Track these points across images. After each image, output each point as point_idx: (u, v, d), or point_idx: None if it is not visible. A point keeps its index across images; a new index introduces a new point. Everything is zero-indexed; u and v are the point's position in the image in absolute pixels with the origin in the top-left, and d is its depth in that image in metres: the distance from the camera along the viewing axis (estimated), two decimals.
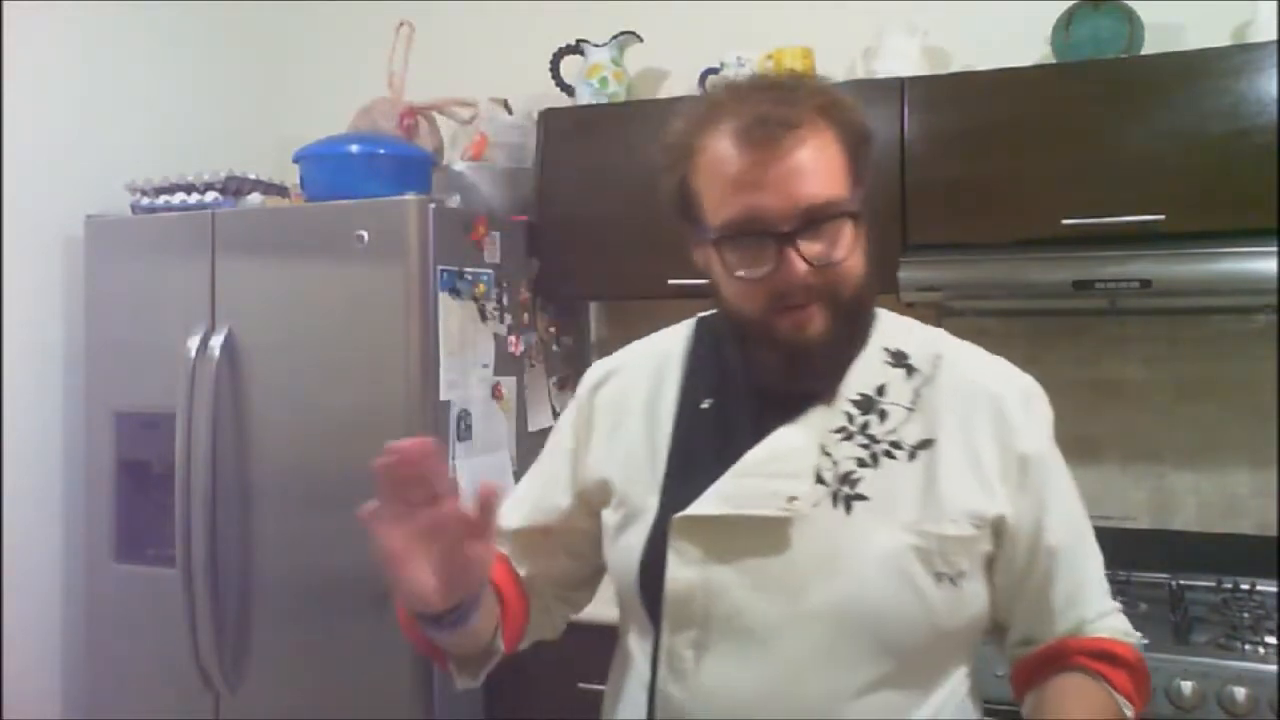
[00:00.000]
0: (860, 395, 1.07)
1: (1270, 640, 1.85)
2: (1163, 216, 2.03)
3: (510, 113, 2.76)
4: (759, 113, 0.99)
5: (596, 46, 2.67)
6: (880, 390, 1.08)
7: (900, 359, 1.10)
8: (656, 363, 1.19)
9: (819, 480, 1.03)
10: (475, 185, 2.52)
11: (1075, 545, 1.09)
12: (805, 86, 1.05)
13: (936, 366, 1.09)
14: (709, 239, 1.04)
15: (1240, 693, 1.73)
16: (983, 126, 2.18)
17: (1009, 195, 2.16)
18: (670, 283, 2.32)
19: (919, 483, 1.03)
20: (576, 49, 2.69)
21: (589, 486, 1.17)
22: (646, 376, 1.18)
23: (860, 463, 1.04)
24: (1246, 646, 1.84)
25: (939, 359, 1.10)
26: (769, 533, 1.02)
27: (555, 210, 2.53)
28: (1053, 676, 1.08)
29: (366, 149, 2.36)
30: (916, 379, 1.09)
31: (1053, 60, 2.32)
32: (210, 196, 2.39)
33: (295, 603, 2.21)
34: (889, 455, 1.04)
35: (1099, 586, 1.12)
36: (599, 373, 1.22)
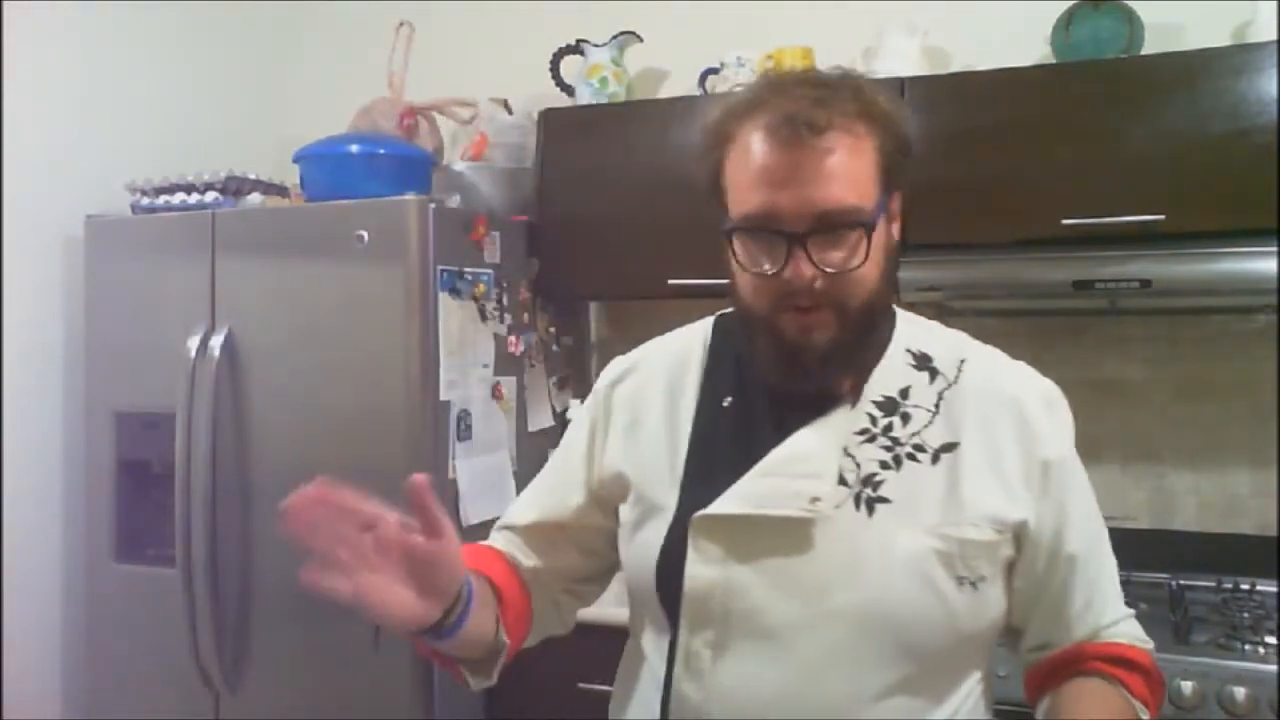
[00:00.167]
0: (884, 397, 1.07)
1: (1270, 640, 1.85)
2: (1163, 216, 2.03)
3: (510, 113, 2.76)
4: (790, 110, 0.99)
5: (596, 46, 2.66)
6: (904, 393, 1.07)
7: (924, 361, 1.10)
8: (676, 360, 1.18)
9: (841, 482, 1.03)
10: (475, 185, 2.51)
11: (1093, 552, 1.10)
12: (849, 88, 1.03)
13: (960, 370, 1.09)
14: (726, 229, 1.05)
15: (1240, 693, 1.73)
16: (983, 126, 2.18)
17: (1009, 195, 2.16)
18: (670, 283, 2.32)
19: (941, 486, 1.03)
20: (576, 49, 2.69)
21: (605, 480, 1.16)
22: (666, 373, 1.17)
23: (883, 465, 1.04)
24: (1246, 646, 1.84)
25: (963, 363, 1.10)
26: (790, 533, 1.01)
27: (555, 210, 2.53)
28: (1068, 680, 1.08)
29: (366, 149, 2.36)
30: (940, 382, 1.08)
31: (1053, 60, 2.32)
32: (210, 196, 2.39)
33: (295, 603, 2.20)
34: (912, 458, 1.04)
35: (1114, 592, 1.12)
36: (618, 369, 1.22)
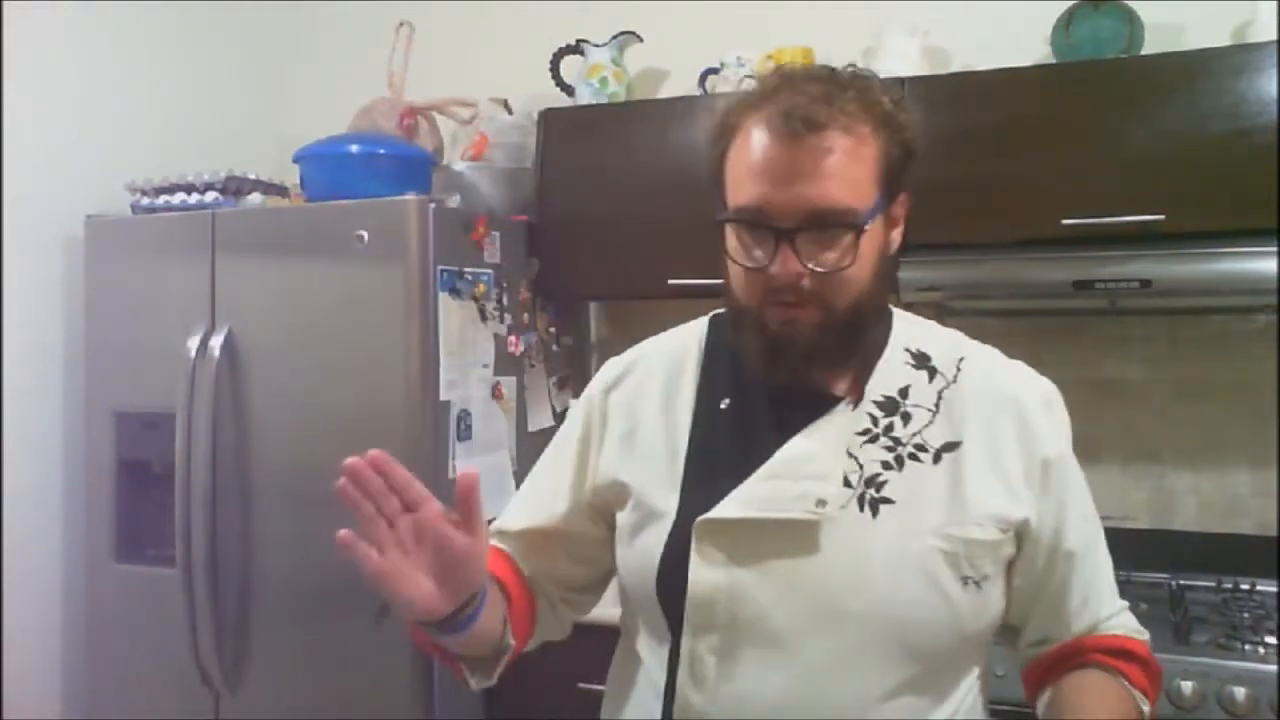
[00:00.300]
0: (884, 397, 1.07)
1: (1270, 640, 1.85)
2: (1163, 216, 2.03)
3: (510, 113, 2.76)
4: (791, 106, 0.98)
5: (596, 46, 2.66)
6: (904, 392, 1.07)
7: (923, 361, 1.10)
8: (671, 361, 1.17)
9: (845, 483, 1.02)
10: (475, 185, 2.51)
11: (1091, 548, 1.10)
12: (858, 86, 1.02)
13: (959, 369, 1.09)
14: (718, 219, 1.05)
15: (1240, 693, 1.73)
16: (983, 126, 2.18)
17: (1009, 195, 2.16)
18: (670, 283, 2.32)
19: (944, 486, 1.03)
20: (576, 49, 2.69)
21: (600, 488, 1.15)
22: (661, 375, 1.16)
23: (885, 465, 1.03)
24: (1246, 646, 1.84)
25: (961, 361, 1.10)
26: (795, 536, 1.01)
27: (555, 210, 2.53)
28: (1068, 674, 1.09)
29: (366, 149, 2.36)
30: (939, 381, 1.08)
31: (1053, 60, 2.32)
32: (210, 196, 2.39)
33: (295, 603, 2.21)
34: (914, 458, 1.04)
35: (1110, 587, 1.13)
36: (612, 372, 1.20)
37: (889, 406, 1.06)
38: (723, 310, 1.15)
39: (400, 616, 0.99)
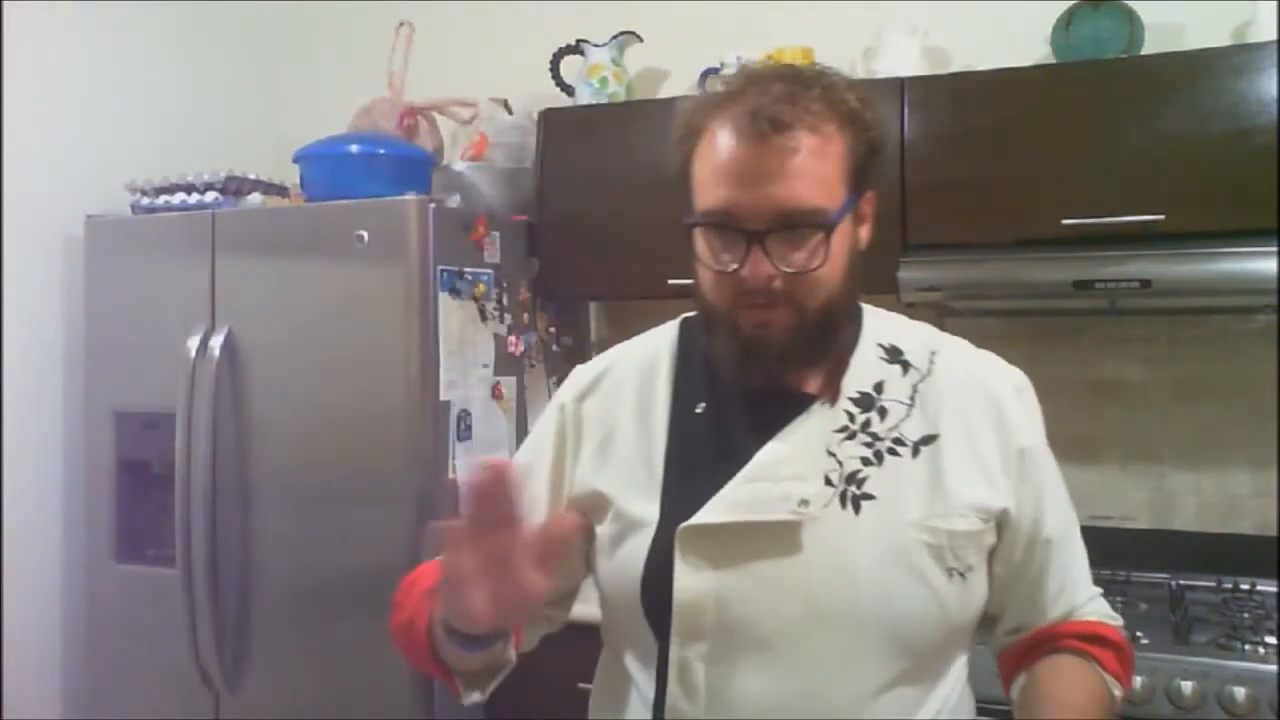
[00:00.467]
0: (859, 393, 1.06)
1: (1270, 640, 1.85)
2: (1163, 216, 2.03)
3: (510, 113, 2.76)
4: (756, 107, 0.98)
5: (596, 46, 2.66)
6: (878, 387, 1.07)
7: (895, 355, 1.10)
8: (643, 366, 1.15)
9: (826, 482, 1.02)
10: (475, 185, 2.52)
11: (1065, 536, 1.11)
12: (822, 84, 1.01)
13: (932, 362, 1.09)
14: (687, 223, 1.04)
15: (1240, 693, 1.73)
16: (983, 126, 2.18)
17: (1009, 195, 2.16)
18: (670, 283, 2.32)
19: (924, 479, 1.03)
20: (576, 49, 2.69)
21: (578, 498, 1.13)
22: (634, 382, 1.15)
23: (865, 461, 1.03)
24: (1246, 646, 1.84)
25: (934, 354, 1.10)
26: (779, 538, 1.00)
27: (555, 210, 2.53)
28: (1041, 659, 1.09)
29: (366, 149, 2.36)
30: (913, 375, 1.08)
31: (1053, 60, 2.32)
32: (210, 196, 2.39)
33: (295, 603, 2.21)
34: (892, 452, 1.04)
35: (1085, 574, 1.14)
36: (584, 379, 1.19)
37: (865, 402, 1.06)
38: (693, 314, 1.14)
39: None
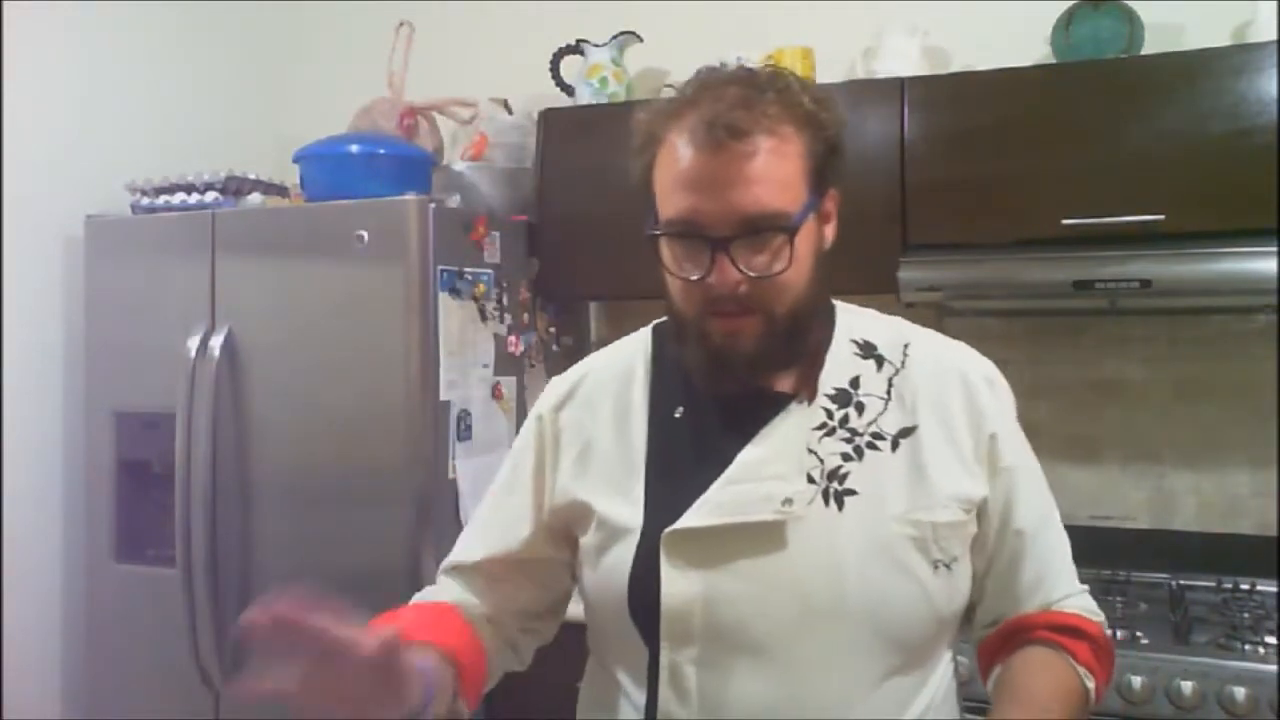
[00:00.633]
0: (835, 390, 1.07)
1: (1270, 640, 1.85)
2: (1163, 216, 2.03)
3: (510, 113, 2.76)
4: (712, 114, 0.98)
5: (596, 46, 2.66)
6: (854, 383, 1.07)
7: (869, 350, 1.10)
8: (619, 373, 1.16)
9: (808, 480, 1.02)
10: (475, 185, 2.52)
11: (1042, 527, 1.10)
12: (777, 87, 1.01)
13: (906, 355, 1.10)
14: (650, 233, 1.05)
15: (1240, 693, 1.73)
16: (983, 126, 2.18)
17: (1009, 195, 2.16)
18: None
19: (905, 472, 1.03)
20: (576, 49, 2.69)
21: (558, 508, 1.12)
22: (611, 389, 1.15)
23: (845, 457, 1.03)
24: (1246, 646, 1.84)
25: (907, 347, 1.11)
26: (764, 539, 1.00)
27: (555, 210, 2.53)
28: (1015, 651, 1.09)
29: (366, 149, 2.36)
30: (888, 369, 1.09)
31: (1053, 60, 2.32)
32: (210, 196, 2.39)
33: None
34: (872, 447, 1.04)
35: (1066, 569, 1.13)
36: (560, 390, 1.19)
37: (842, 399, 1.06)
38: (664, 320, 1.14)
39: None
